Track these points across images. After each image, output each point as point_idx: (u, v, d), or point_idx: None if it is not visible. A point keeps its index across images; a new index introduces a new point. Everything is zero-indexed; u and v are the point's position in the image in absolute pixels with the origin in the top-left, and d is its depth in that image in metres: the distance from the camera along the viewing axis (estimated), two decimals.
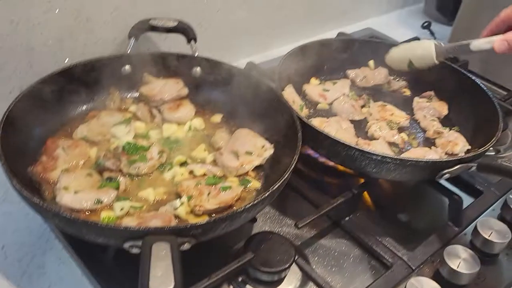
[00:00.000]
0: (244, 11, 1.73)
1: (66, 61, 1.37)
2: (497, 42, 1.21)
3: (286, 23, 1.90)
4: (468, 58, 1.88)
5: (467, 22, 1.91)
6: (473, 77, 1.49)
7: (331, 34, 2.02)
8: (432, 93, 1.59)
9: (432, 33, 2.23)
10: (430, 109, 1.52)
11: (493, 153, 1.53)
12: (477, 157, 1.16)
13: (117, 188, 1.10)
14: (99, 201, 1.05)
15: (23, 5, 1.24)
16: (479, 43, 1.27)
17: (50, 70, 1.22)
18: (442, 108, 1.53)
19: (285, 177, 1.02)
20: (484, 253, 1.15)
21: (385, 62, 1.51)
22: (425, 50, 1.39)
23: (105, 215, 1.04)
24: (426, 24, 2.24)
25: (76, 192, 1.05)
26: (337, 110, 1.48)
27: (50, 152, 1.15)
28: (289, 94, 1.40)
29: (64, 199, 1.03)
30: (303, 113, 1.44)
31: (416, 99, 1.58)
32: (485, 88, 1.42)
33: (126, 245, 0.86)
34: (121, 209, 1.05)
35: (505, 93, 1.78)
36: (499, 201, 1.32)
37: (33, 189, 1.06)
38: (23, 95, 1.13)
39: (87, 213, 1.04)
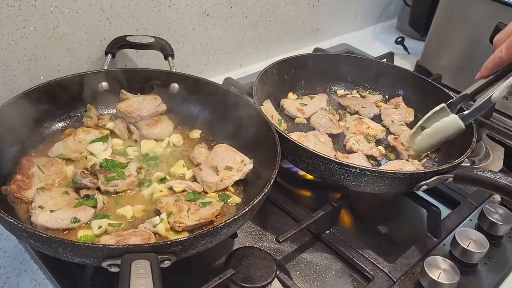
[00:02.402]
0: (219, 29, 1.74)
1: (41, 78, 1.35)
2: None
3: (261, 40, 1.92)
4: (441, 72, 1.93)
5: (440, 37, 1.97)
6: (447, 91, 1.52)
7: (308, 49, 2.06)
8: (400, 99, 1.64)
9: (405, 48, 2.27)
10: (397, 114, 1.56)
11: (468, 164, 1.56)
12: (453, 168, 1.18)
13: (95, 206, 1.08)
14: (76, 220, 1.03)
15: None
16: (498, 93, 1.27)
17: (25, 87, 1.20)
18: (409, 114, 1.57)
19: (265, 191, 1.02)
20: (463, 263, 1.16)
21: (413, 152, 1.42)
22: (452, 127, 1.34)
23: (82, 234, 1.02)
24: (399, 39, 2.28)
25: (52, 211, 1.03)
26: (315, 124, 1.49)
27: (25, 170, 1.13)
28: (267, 109, 1.41)
29: (39, 219, 1.01)
30: (282, 127, 1.45)
31: (384, 105, 1.61)
32: None
33: (105, 264, 0.84)
34: (99, 227, 1.03)
35: None
36: (476, 211, 1.34)
37: (7, 209, 1.04)
38: None
39: (63, 233, 1.02)
